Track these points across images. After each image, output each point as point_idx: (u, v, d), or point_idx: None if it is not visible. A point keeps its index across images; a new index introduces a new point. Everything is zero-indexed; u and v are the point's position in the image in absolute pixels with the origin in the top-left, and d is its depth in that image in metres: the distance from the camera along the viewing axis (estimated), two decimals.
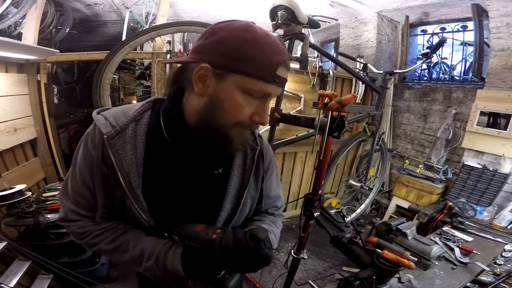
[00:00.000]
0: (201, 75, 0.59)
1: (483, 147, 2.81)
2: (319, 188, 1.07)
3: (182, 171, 0.70)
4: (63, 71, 3.63)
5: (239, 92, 0.59)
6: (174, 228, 0.70)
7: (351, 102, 0.95)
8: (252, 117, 0.63)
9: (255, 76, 0.57)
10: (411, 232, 1.51)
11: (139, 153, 0.66)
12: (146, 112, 0.70)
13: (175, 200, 0.72)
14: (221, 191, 0.75)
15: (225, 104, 0.60)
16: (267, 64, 0.58)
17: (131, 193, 0.66)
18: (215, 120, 0.62)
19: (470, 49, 3.24)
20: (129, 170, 0.66)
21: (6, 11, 2.30)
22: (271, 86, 0.60)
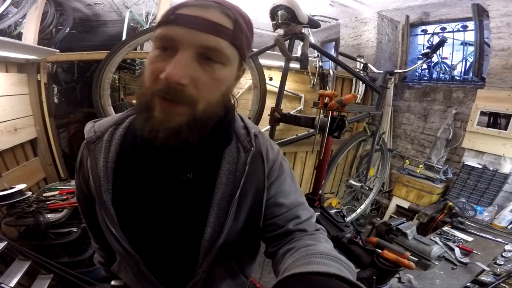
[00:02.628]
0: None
1: (484, 147, 2.81)
2: (319, 188, 1.07)
3: (151, 177, 0.61)
4: (63, 71, 3.62)
5: (153, 50, 0.50)
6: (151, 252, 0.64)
7: (351, 102, 0.96)
8: (160, 76, 0.47)
9: (161, 23, 0.49)
10: (411, 232, 1.51)
11: (111, 157, 0.61)
12: (130, 116, 0.66)
13: (148, 212, 0.62)
14: (206, 203, 0.61)
15: (145, 69, 0.51)
16: (172, 9, 0.49)
17: (99, 198, 0.61)
18: (139, 91, 0.53)
19: (470, 49, 3.24)
20: (100, 175, 0.61)
21: (6, 10, 2.30)
22: (169, 27, 0.47)
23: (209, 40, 0.47)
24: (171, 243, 0.65)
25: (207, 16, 0.47)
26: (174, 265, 0.68)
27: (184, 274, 0.67)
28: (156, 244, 0.65)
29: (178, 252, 0.66)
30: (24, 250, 1.68)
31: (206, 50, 0.48)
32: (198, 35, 0.47)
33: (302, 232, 0.66)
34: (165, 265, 0.67)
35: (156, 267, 0.67)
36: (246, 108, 2.42)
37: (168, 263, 0.67)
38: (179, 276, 0.68)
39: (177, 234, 0.64)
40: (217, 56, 0.49)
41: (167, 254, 0.66)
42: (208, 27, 0.47)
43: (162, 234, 0.64)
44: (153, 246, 0.65)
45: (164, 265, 0.67)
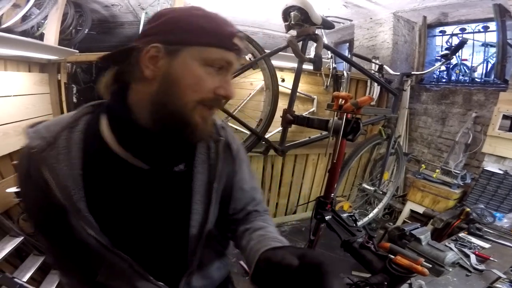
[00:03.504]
0: (152, 56, 0.54)
1: (505, 152, 2.70)
2: (331, 191, 1.06)
3: (131, 176, 0.62)
4: (82, 71, 3.73)
5: (198, 65, 0.55)
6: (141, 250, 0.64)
7: (367, 105, 0.94)
8: (216, 91, 0.57)
9: (214, 45, 0.55)
10: (425, 238, 1.47)
11: (75, 163, 0.57)
12: (84, 117, 0.62)
13: (134, 211, 0.63)
14: (187, 192, 0.67)
15: (184, 79, 0.55)
16: (224, 33, 0.56)
17: (74, 208, 0.57)
18: (174, 100, 0.56)
19: (492, 50, 3.13)
20: (66, 183, 0.57)
21: (29, 12, 2.39)
22: (231, 54, 0.57)
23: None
24: (160, 237, 0.67)
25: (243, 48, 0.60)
26: (166, 258, 0.70)
27: (178, 266, 0.71)
28: (145, 241, 0.66)
29: (168, 245, 0.69)
30: (39, 245, 1.72)
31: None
32: (238, 62, 0.61)
33: (256, 212, 0.82)
34: (158, 260, 0.69)
35: (150, 264, 0.67)
36: (258, 109, 2.43)
37: (160, 257, 0.69)
38: (174, 269, 0.71)
39: (164, 227, 0.67)
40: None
41: (158, 249, 0.68)
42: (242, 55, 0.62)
43: (149, 230, 0.65)
44: (142, 244, 0.66)
45: (157, 261, 0.69)
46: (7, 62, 1.93)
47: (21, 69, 2.08)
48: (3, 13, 2.19)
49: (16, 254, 1.77)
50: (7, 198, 1.79)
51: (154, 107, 0.57)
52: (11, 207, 1.87)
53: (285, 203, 3.46)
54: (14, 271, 1.61)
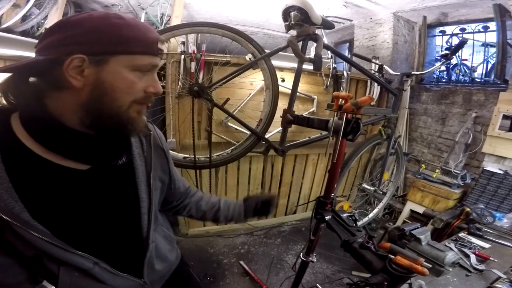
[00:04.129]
0: (75, 66, 0.55)
1: (505, 152, 2.70)
2: (331, 191, 1.06)
3: (72, 178, 0.62)
4: None
5: (129, 71, 0.59)
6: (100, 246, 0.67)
7: (367, 105, 0.94)
8: (146, 90, 0.63)
9: (141, 52, 0.60)
10: (425, 238, 1.47)
11: (1, 176, 0.54)
12: None
13: (83, 210, 0.64)
14: (132, 183, 0.74)
15: (116, 85, 0.59)
16: (149, 40, 0.61)
17: (18, 221, 0.55)
18: (109, 105, 0.59)
19: (492, 50, 3.13)
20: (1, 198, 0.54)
21: (29, 12, 2.40)
22: (157, 58, 0.64)
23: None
24: (115, 230, 0.72)
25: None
26: (125, 249, 0.75)
27: (136, 253, 0.78)
28: (101, 237, 0.68)
29: (124, 235, 0.74)
30: None
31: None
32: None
33: (191, 189, 1.07)
34: (118, 253, 0.73)
35: (111, 258, 0.70)
36: (258, 109, 2.43)
37: (119, 249, 0.74)
38: (134, 257, 0.78)
39: (117, 220, 0.72)
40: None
41: (115, 242, 0.72)
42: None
43: (103, 225, 0.68)
44: (99, 240, 0.68)
45: (117, 253, 0.73)
46: (7, 62, 1.93)
47: None
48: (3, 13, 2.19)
49: None
50: None
51: (87, 113, 0.59)
52: None
53: (285, 203, 3.46)
54: None
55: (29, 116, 0.59)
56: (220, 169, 2.87)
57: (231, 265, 2.60)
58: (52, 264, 0.63)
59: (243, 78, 2.22)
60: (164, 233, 0.91)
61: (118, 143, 0.69)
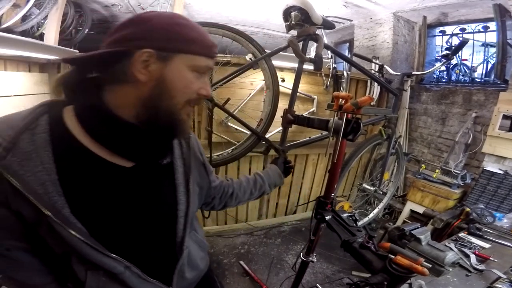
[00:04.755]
0: (143, 61, 0.56)
1: (505, 152, 2.70)
2: (331, 191, 1.06)
3: (118, 176, 0.62)
4: None
5: (188, 71, 0.61)
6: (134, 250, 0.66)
7: (367, 105, 0.94)
8: (199, 92, 0.65)
9: (202, 54, 0.63)
10: (425, 238, 1.47)
11: (49, 168, 0.53)
12: (41, 118, 0.57)
13: (122, 210, 0.63)
14: (171, 184, 0.73)
15: (176, 83, 0.61)
16: (207, 43, 0.63)
17: (58, 217, 0.53)
18: (166, 102, 0.61)
19: (492, 50, 3.13)
20: (45, 191, 0.53)
21: (29, 12, 2.40)
22: (212, 60, 0.66)
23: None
24: (150, 233, 0.69)
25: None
26: (157, 254, 0.72)
27: (169, 259, 0.74)
28: (135, 240, 0.66)
29: (158, 239, 0.72)
30: None
31: None
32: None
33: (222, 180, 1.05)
34: (150, 257, 0.70)
35: (142, 263, 0.67)
36: (258, 109, 2.43)
37: (151, 254, 0.70)
38: (165, 263, 0.74)
39: (153, 222, 0.69)
40: None
41: (149, 246, 0.69)
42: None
43: (138, 228, 0.66)
44: (133, 243, 0.66)
45: (149, 258, 0.70)
46: (7, 62, 1.93)
47: (21, 69, 2.08)
48: (3, 13, 2.19)
49: None
50: None
51: (147, 108, 0.60)
52: None
53: (285, 203, 3.46)
54: None
55: (84, 109, 0.59)
56: (220, 169, 2.87)
57: (231, 265, 2.60)
58: (80, 266, 0.61)
59: (243, 78, 2.22)
60: (197, 239, 0.87)
61: (165, 142, 0.70)
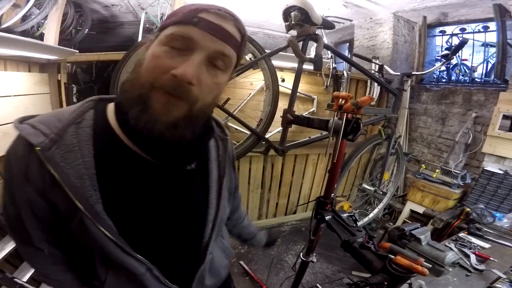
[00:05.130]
0: (147, 47, 0.55)
1: (505, 152, 2.70)
2: (331, 191, 1.06)
3: (149, 173, 0.59)
4: (82, 71, 3.73)
5: (159, 45, 0.52)
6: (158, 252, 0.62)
7: (367, 105, 0.94)
8: (172, 72, 0.49)
9: (173, 23, 0.51)
10: (425, 238, 1.47)
11: (88, 162, 0.53)
12: (87, 113, 0.57)
13: (152, 210, 0.60)
14: (204, 187, 0.68)
15: (145, 61, 0.52)
16: (187, 10, 0.51)
17: (90, 212, 0.52)
18: (134, 83, 0.53)
19: (492, 50, 3.13)
20: (81, 184, 0.52)
21: (29, 12, 2.39)
22: (189, 27, 0.50)
23: (224, 47, 0.52)
24: (176, 237, 0.66)
25: (225, 26, 0.52)
26: (180, 259, 0.68)
27: (191, 265, 0.70)
28: (161, 242, 0.63)
29: (184, 244, 0.68)
30: None
31: (218, 55, 0.52)
32: (215, 41, 0.51)
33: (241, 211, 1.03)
34: (172, 261, 0.67)
35: (164, 266, 0.64)
36: (258, 109, 2.43)
37: (175, 258, 0.67)
38: (187, 269, 0.70)
39: (182, 225, 0.66)
40: (223, 63, 0.54)
41: (173, 250, 0.66)
42: (224, 36, 0.52)
43: (167, 229, 0.63)
44: (158, 245, 0.63)
45: (172, 262, 0.67)
46: (7, 62, 1.93)
47: (21, 69, 2.08)
48: (3, 13, 2.19)
49: (16, 254, 1.77)
50: None
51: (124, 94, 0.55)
52: None
53: (285, 203, 3.46)
54: (14, 271, 1.61)
55: (117, 104, 0.58)
56: None
57: (231, 265, 2.60)
58: (102, 264, 0.61)
59: (243, 78, 2.22)
60: (223, 246, 0.83)
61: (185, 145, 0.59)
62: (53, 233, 0.61)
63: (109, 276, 0.62)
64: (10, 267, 1.69)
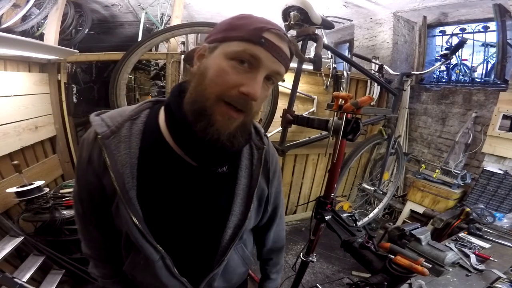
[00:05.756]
0: (200, 55, 0.59)
1: (505, 152, 2.70)
2: (331, 191, 1.06)
3: (182, 171, 0.64)
4: (82, 71, 3.74)
5: (225, 59, 0.54)
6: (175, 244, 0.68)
7: (367, 105, 0.94)
8: (239, 88, 0.53)
9: (239, 38, 0.54)
10: (425, 238, 1.47)
11: (133, 152, 0.61)
12: (144, 111, 0.66)
13: (178, 204, 0.66)
14: (230, 193, 0.70)
15: (209, 72, 0.55)
16: (254, 28, 0.54)
17: (124, 197, 0.60)
18: (199, 94, 0.56)
19: (492, 50, 3.13)
20: (123, 171, 0.60)
21: (29, 12, 2.39)
22: (258, 47, 0.53)
23: (280, 68, 0.58)
24: (194, 234, 0.69)
25: (283, 47, 0.57)
26: (195, 256, 0.72)
27: (204, 265, 0.73)
28: (180, 236, 0.68)
29: (201, 243, 0.71)
30: (39, 245, 1.73)
31: (274, 74, 0.58)
32: (275, 62, 0.56)
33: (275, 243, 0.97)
34: (187, 256, 0.71)
35: (178, 259, 0.69)
36: None
37: (190, 254, 0.71)
38: (199, 267, 0.73)
39: (201, 225, 0.69)
40: (275, 79, 0.60)
41: (190, 245, 0.70)
42: (282, 57, 0.57)
43: (186, 225, 0.68)
44: (177, 238, 0.68)
45: (186, 257, 0.71)
46: (7, 62, 1.93)
47: (21, 69, 2.08)
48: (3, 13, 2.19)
49: (16, 254, 1.77)
50: (7, 198, 1.79)
51: (189, 104, 0.58)
52: (11, 207, 1.87)
53: (285, 203, 3.45)
54: (14, 271, 1.61)
55: (167, 104, 0.64)
56: None
57: None
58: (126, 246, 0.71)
59: None
60: (244, 254, 0.83)
61: (221, 149, 0.60)
62: (98, 213, 0.70)
63: (129, 258, 0.71)
64: (10, 267, 1.69)
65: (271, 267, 1.01)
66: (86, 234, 0.77)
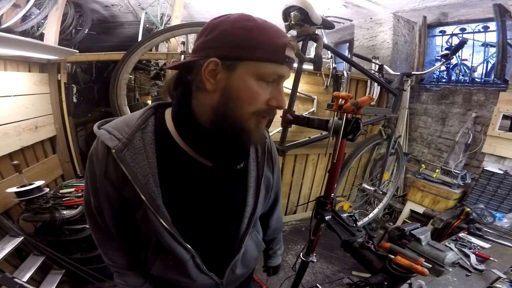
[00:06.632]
0: (211, 70, 0.58)
1: (505, 152, 2.70)
2: (331, 191, 1.06)
3: (199, 173, 0.69)
4: (82, 71, 3.74)
5: (253, 79, 0.58)
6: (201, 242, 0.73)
7: (367, 105, 0.93)
8: (268, 102, 0.61)
9: (267, 60, 0.57)
10: (425, 238, 1.47)
11: (152, 162, 0.64)
12: (150, 119, 0.68)
13: (200, 204, 0.71)
14: (244, 186, 0.77)
15: (240, 94, 0.58)
16: (275, 46, 0.57)
17: (152, 205, 0.64)
18: (232, 112, 0.60)
19: (492, 50, 3.13)
20: (146, 182, 0.64)
21: (29, 12, 2.39)
22: (283, 67, 0.59)
23: (289, 74, 0.64)
24: (217, 229, 0.76)
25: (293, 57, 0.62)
26: (218, 249, 0.78)
27: (226, 256, 0.80)
28: (205, 233, 0.74)
29: (223, 236, 0.78)
30: (39, 245, 1.73)
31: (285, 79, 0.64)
32: (289, 71, 0.63)
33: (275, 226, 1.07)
34: (212, 251, 0.77)
35: (205, 255, 0.75)
36: None
37: (214, 249, 0.77)
38: (223, 259, 0.80)
39: (222, 219, 0.76)
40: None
41: (213, 240, 0.76)
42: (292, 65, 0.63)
43: (210, 222, 0.74)
44: (203, 236, 0.74)
45: (211, 252, 0.77)
46: (7, 62, 1.93)
47: (21, 69, 2.08)
48: (3, 13, 2.19)
49: (16, 254, 1.77)
50: (7, 198, 1.79)
51: (216, 116, 0.62)
52: (11, 207, 1.87)
53: (285, 203, 3.46)
54: (14, 271, 1.61)
55: (177, 113, 0.66)
56: None
57: None
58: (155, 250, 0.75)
59: None
60: (257, 240, 0.92)
61: (238, 149, 0.69)
62: (120, 223, 0.74)
63: (158, 260, 0.76)
64: (10, 267, 1.69)
65: (275, 244, 1.14)
66: (109, 245, 0.81)
